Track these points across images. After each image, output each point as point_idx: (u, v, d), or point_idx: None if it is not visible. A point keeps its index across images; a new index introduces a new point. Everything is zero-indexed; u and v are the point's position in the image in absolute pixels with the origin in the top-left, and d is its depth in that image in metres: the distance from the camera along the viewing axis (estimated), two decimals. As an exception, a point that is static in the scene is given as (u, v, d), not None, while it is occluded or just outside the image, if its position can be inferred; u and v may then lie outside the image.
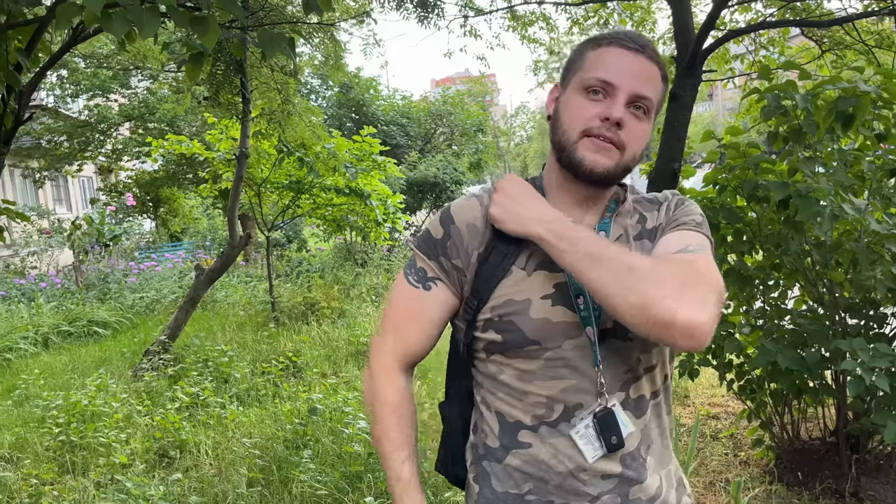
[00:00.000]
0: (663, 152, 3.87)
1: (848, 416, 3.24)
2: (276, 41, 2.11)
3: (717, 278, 1.06)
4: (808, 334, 2.97)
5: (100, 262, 11.80)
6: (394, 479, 1.25)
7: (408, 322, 1.27)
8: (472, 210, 1.25)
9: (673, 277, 1.01)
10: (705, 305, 0.99)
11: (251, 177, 7.96)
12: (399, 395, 1.27)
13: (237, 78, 5.87)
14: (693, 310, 0.98)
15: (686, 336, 0.98)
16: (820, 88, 2.88)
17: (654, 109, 1.19)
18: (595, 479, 1.17)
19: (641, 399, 1.19)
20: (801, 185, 2.76)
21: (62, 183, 21.55)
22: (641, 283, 1.00)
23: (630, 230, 1.24)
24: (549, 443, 1.17)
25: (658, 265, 1.04)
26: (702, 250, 1.13)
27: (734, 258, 3.26)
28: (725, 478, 3.45)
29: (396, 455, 1.25)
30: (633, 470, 1.18)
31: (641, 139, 1.17)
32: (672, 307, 0.98)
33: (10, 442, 4.58)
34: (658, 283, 1.00)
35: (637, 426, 1.19)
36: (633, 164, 1.19)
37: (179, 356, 6.25)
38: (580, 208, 1.23)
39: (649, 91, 1.16)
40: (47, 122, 14.79)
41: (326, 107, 16.72)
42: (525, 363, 1.17)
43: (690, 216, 1.21)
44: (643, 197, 1.30)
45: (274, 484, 3.56)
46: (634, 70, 1.16)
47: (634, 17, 6.74)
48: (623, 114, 1.14)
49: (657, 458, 1.21)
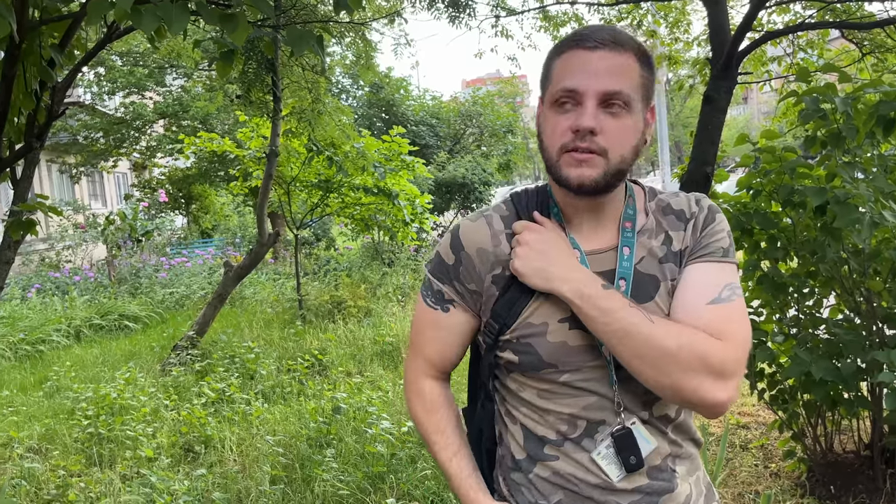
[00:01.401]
0: (696, 156, 3.80)
1: (884, 429, 3.15)
2: (305, 39, 2.11)
3: (746, 337, 1.12)
4: (843, 344, 2.89)
5: (132, 257, 11.99)
6: (449, 479, 1.28)
7: (430, 342, 1.30)
8: (479, 233, 1.22)
9: (705, 364, 1.06)
10: (734, 380, 1.08)
11: (281, 175, 8.01)
12: (428, 401, 1.31)
13: (268, 76, 5.91)
14: (722, 392, 1.07)
15: (712, 413, 1.09)
16: (860, 92, 2.80)
17: (634, 100, 1.11)
18: (625, 493, 1.16)
19: (665, 418, 1.19)
20: (840, 190, 2.68)
21: (97, 178, 21.98)
22: (673, 371, 1.06)
23: (656, 251, 1.18)
24: (574, 458, 1.17)
25: (692, 349, 1.06)
26: (733, 297, 1.13)
27: (768, 265, 3.18)
28: (755, 490, 3.37)
29: (444, 455, 1.28)
30: (663, 481, 1.17)
31: (625, 137, 1.11)
32: (702, 395, 1.06)
33: (39, 433, 4.66)
34: (691, 371, 1.06)
35: (663, 441, 1.18)
36: (625, 165, 1.12)
37: (207, 352, 6.31)
38: (593, 217, 1.20)
39: (619, 84, 1.10)
40: (84, 119, 15.08)
41: (357, 106, 16.79)
42: (543, 383, 1.17)
43: (718, 240, 1.18)
44: (668, 204, 1.22)
45: (296, 482, 3.57)
46: (597, 68, 1.10)
47: (669, 19, 6.65)
48: (594, 120, 1.09)
49: (687, 467, 1.21)
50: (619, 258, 1.16)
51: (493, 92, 20.07)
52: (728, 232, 1.20)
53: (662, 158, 17.61)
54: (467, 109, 17.65)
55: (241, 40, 1.97)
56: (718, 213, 1.21)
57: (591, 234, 1.20)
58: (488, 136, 17.53)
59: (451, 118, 17.45)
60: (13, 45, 2.10)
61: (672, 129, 32.16)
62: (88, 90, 14.88)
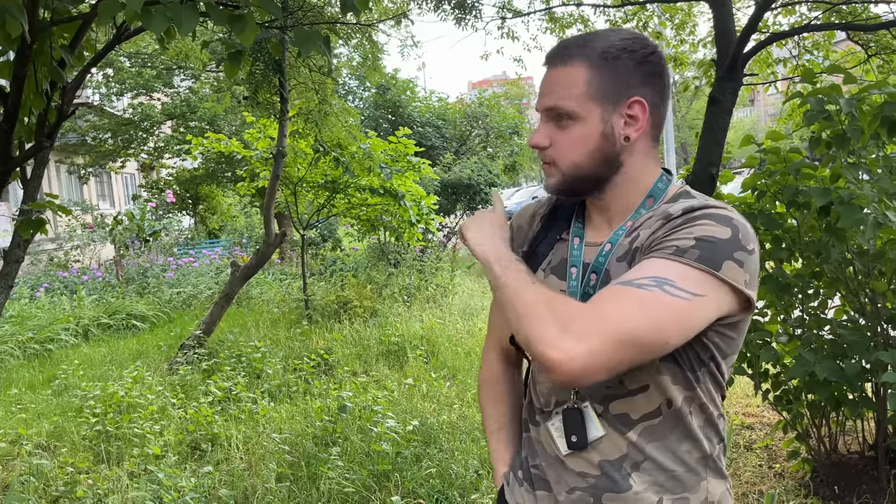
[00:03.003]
0: (701, 157, 3.80)
1: (888, 429, 3.15)
2: (312, 39, 2.13)
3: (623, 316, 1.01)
4: (847, 345, 2.90)
5: (139, 256, 12.04)
6: (490, 450, 1.43)
7: (495, 315, 1.44)
8: (525, 212, 1.39)
9: (555, 317, 1.03)
10: (579, 344, 0.99)
11: (287, 176, 8.04)
12: (491, 373, 1.45)
13: (276, 77, 5.95)
14: (559, 351, 0.99)
15: (555, 374, 1.01)
16: (865, 93, 2.80)
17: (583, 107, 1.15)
18: (573, 473, 1.21)
19: (624, 417, 1.17)
20: (844, 191, 2.69)
21: (106, 179, 22.09)
22: (529, 319, 1.05)
23: (621, 249, 1.19)
24: (543, 429, 1.27)
25: (550, 303, 1.05)
26: (651, 286, 1.02)
27: (773, 265, 3.19)
28: (759, 490, 3.38)
29: (488, 425, 1.44)
30: (611, 479, 1.17)
31: (573, 147, 1.17)
32: (543, 349, 1.01)
33: (48, 431, 4.69)
34: (540, 321, 1.03)
35: (619, 439, 1.17)
36: (582, 172, 1.18)
37: (214, 351, 6.34)
38: (600, 214, 1.26)
39: (554, 99, 1.17)
40: (93, 120, 15.17)
41: (363, 108, 16.83)
42: None
43: (677, 240, 1.07)
44: (669, 208, 1.17)
45: (302, 480, 3.59)
46: (542, 87, 1.20)
47: (675, 20, 6.65)
48: (539, 137, 1.19)
49: (660, 483, 1.16)
50: (598, 253, 1.21)
51: (499, 94, 20.08)
52: (701, 238, 1.06)
53: (668, 160, 17.56)
54: (473, 111, 17.65)
55: (248, 41, 2.00)
56: (709, 219, 1.09)
57: (598, 228, 1.26)
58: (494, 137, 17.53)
59: (457, 120, 17.45)
60: (24, 45, 2.13)
61: (678, 131, 32.09)
62: (97, 91, 14.97)
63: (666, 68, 1.21)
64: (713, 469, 1.19)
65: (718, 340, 1.13)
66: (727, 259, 1.06)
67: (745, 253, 1.08)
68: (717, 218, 1.09)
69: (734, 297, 1.08)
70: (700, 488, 1.17)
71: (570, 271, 1.23)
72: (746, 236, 1.09)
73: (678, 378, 1.15)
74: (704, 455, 1.18)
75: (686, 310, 1.03)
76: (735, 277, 1.06)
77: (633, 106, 1.16)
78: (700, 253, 1.05)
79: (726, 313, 1.09)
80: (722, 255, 1.06)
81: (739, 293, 1.08)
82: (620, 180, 1.20)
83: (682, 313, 1.03)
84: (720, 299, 1.06)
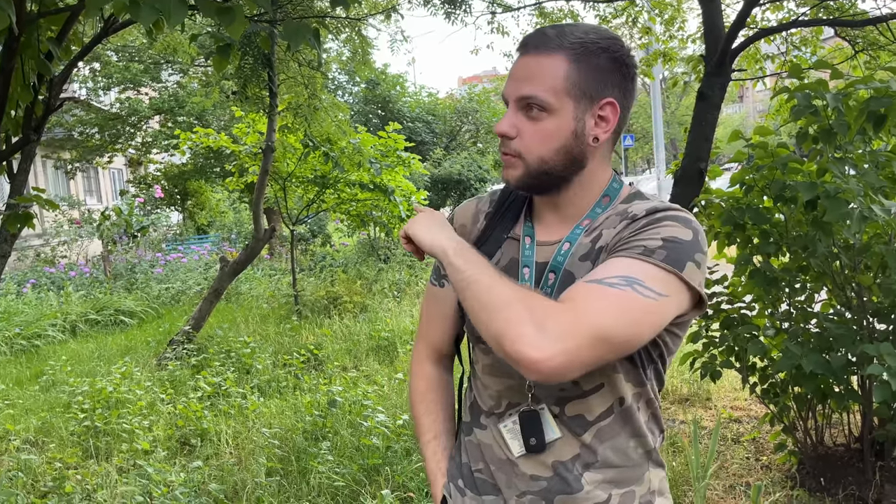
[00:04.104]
0: (690, 152, 3.82)
1: (873, 421, 3.18)
2: (301, 32, 2.12)
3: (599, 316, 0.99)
4: (834, 338, 2.92)
5: (127, 252, 11.98)
6: (424, 461, 1.36)
7: (428, 319, 1.38)
8: (467, 210, 1.33)
9: (532, 315, 0.99)
10: (557, 343, 0.97)
11: (277, 171, 8.02)
12: (426, 382, 1.38)
13: (265, 72, 5.92)
14: (537, 350, 0.96)
15: (530, 372, 0.99)
16: (852, 88, 2.82)
17: (559, 100, 1.11)
18: (525, 477, 1.19)
19: (580, 419, 1.17)
20: (831, 185, 2.71)
21: (93, 174, 21.92)
22: (501, 317, 1.00)
23: (582, 248, 1.17)
24: (492, 431, 1.24)
25: (525, 300, 1.01)
26: (622, 285, 1.02)
27: (760, 260, 3.21)
28: (746, 481, 3.41)
29: (424, 438, 1.36)
30: (562, 480, 1.17)
31: (542, 140, 1.13)
32: (518, 348, 0.97)
33: (35, 426, 4.67)
34: (516, 319, 0.99)
35: (573, 440, 1.18)
36: (547, 166, 1.14)
37: (203, 346, 6.32)
38: (553, 213, 1.23)
39: (532, 89, 1.11)
40: (79, 114, 15.04)
41: (353, 103, 16.80)
42: (485, 358, 1.24)
43: (644, 240, 1.07)
44: (627, 208, 1.18)
45: (292, 474, 3.59)
46: (518, 73, 1.14)
47: (664, 16, 6.67)
48: (506, 125, 1.14)
49: (607, 477, 1.18)
50: (556, 252, 1.18)
51: (490, 89, 20.09)
52: (668, 238, 1.07)
53: (658, 156, 17.64)
54: (463, 106, 17.67)
55: (237, 34, 1.99)
56: (672, 220, 1.10)
57: (550, 227, 1.23)
58: (484, 132, 17.55)
59: (447, 115, 17.46)
60: (12, 37, 2.11)
61: (668, 128, 32.20)
62: (84, 85, 14.85)
63: (637, 73, 1.19)
64: (654, 460, 1.23)
65: (668, 339, 1.16)
66: (689, 260, 1.07)
67: (702, 254, 1.10)
68: (681, 220, 1.10)
69: (690, 296, 1.09)
70: (644, 479, 1.21)
71: (522, 271, 1.20)
72: (703, 238, 1.12)
73: (630, 375, 1.17)
74: (648, 449, 1.21)
75: (655, 308, 1.04)
76: (693, 278, 1.07)
77: (606, 107, 1.14)
78: (667, 254, 1.06)
79: (682, 312, 1.10)
80: (685, 257, 1.07)
81: (695, 293, 1.09)
82: (580, 180, 1.19)
83: (653, 312, 1.04)
84: (680, 299, 1.08)
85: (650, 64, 6.86)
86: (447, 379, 1.40)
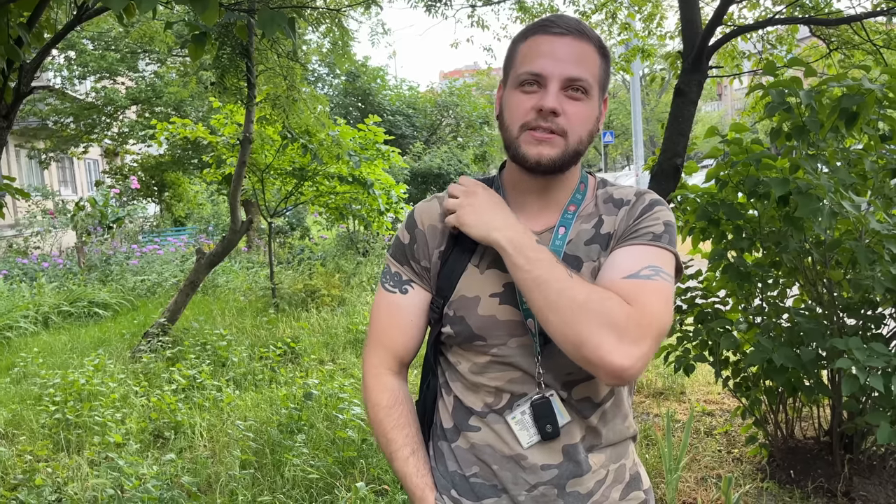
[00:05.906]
0: (666, 148, 3.84)
1: (842, 415, 3.23)
2: (276, 20, 2.10)
3: (660, 313, 1.07)
4: (804, 332, 2.96)
5: (102, 244, 11.82)
6: (403, 478, 1.27)
7: (390, 327, 1.29)
8: (431, 210, 1.28)
9: (611, 321, 1.03)
10: (637, 348, 1.03)
11: (255, 162, 7.95)
12: (391, 395, 1.29)
13: (243, 62, 5.85)
14: (623, 357, 1.02)
15: (613, 378, 1.04)
16: (825, 86, 2.86)
17: (594, 88, 1.17)
18: (534, 469, 1.19)
19: (587, 401, 1.20)
20: (802, 182, 2.74)
21: (68, 165, 21.61)
22: (579, 322, 1.04)
23: (585, 233, 1.21)
24: (494, 428, 1.21)
25: (601, 304, 1.05)
26: (655, 276, 1.10)
27: (734, 254, 3.24)
28: (717, 474, 3.45)
29: (400, 454, 1.26)
30: (574, 463, 1.20)
31: (584, 121, 1.17)
32: (602, 355, 1.02)
33: (6, 419, 4.60)
34: (595, 325, 1.03)
35: (581, 423, 1.20)
36: (581, 148, 1.19)
37: (178, 339, 6.26)
38: (538, 200, 1.24)
39: (581, 71, 1.15)
40: (54, 103, 14.80)
41: (333, 95, 16.69)
42: (476, 357, 1.22)
43: (650, 227, 1.17)
44: (612, 194, 1.25)
45: (267, 467, 3.57)
46: (562, 54, 1.15)
47: (643, 12, 6.71)
48: (557, 101, 1.14)
49: (607, 455, 1.23)
50: (554, 237, 1.20)
51: (471, 84, 20.08)
52: (667, 223, 1.18)
53: (637, 153, 17.74)
54: (444, 100, 17.64)
55: (211, 21, 1.97)
56: (661, 205, 1.21)
57: (535, 215, 1.24)
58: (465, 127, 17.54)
59: (427, 109, 17.42)
60: (-21, 21, 2.07)
61: (647, 125, 32.40)
62: (59, 74, 14.60)
63: None
64: (632, 435, 1.30)
65: None
66: (674, 239, 1.19)
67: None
68: (662, 202, 1.22)
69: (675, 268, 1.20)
70: (629, 453, 1.28)
71: None
72: None
73: None
74: (631, 426, 1.28)
75: (672, 290, 1.13)
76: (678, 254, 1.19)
77: (605, 103, 1.23)
78: (669, 237, 1.17)
79: None
80: (674, 237, 1.20)
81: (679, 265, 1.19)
82: (575, 167, 1.24)
83: (672, 294, 1.13)
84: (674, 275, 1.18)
85: (629, 60, 6.89)
86: (406, 388, 1.33)
